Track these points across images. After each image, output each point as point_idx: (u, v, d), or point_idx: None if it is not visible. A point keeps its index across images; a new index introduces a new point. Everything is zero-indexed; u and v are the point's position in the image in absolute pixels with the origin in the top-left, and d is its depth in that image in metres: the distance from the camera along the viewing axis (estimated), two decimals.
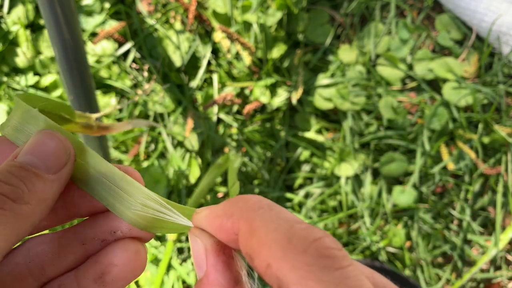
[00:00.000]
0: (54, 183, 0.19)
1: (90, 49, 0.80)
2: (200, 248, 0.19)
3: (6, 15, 0.80)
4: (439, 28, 0.84)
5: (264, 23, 0.79)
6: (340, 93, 0.78)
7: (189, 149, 0.77)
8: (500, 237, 0.74)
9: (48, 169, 0.19)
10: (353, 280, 0.14)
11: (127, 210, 0.20)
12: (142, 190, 0.21)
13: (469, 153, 0.76)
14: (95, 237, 0.21)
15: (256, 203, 0.17)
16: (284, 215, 0.16)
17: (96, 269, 0.21)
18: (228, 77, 0.81)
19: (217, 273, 0.18)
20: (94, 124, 0.34)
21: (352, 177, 0.77)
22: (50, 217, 0.22)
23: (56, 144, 0.20)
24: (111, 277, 0.20)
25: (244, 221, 0.17)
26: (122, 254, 0.21)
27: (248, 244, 0.16)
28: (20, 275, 0.21)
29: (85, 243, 0.21)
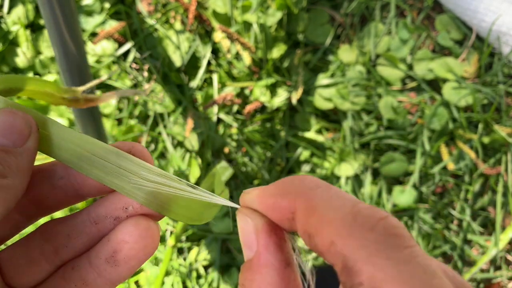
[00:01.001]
0: (24, 155, 0.20)
1: (90, 49, 0.80)
2: (250, 227, 0.18)
3: (6, 15, 0.80)
4: (439, 28, 0.84)
5: (264, 23, 0.79)
6: (340, 93, 0.78)
7: (189, 149, 0.77)
8: (500, 237, 0.74)
9: (14, 144, 0.20)
10: (421, 259, 0.14)
11: (126, 184, 0.20)
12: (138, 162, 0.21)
13: (469, 153, 0.76)
14: (108, 215, 0.21)
15: (313, 182, 0.17)
16: (344, 195, 0.16)
17: (107, 248, 0.21)
18: (228, 77, 0.81)
19: (269, 254, 0.18)
20: (81, 97, 0.34)
21: (352, 177, 0.77)
22: (59, 197, 0.22)
23: (15, 119, 0.20)
24: (123, 255, 0.20)
25: (303, 199, 0.17)
26: (132, 231, 0.20)
27: (308, 222, 0.16)
28: (34, 258, 0.21)
29: (97, 223, 0.21)
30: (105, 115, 0.78)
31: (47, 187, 0.22)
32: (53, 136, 0.21)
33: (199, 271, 0.74)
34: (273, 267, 0.18)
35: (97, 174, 0.21)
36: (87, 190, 0.22)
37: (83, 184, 0.22)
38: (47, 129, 0.21)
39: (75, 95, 0.33)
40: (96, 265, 0.21)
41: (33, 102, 0.75)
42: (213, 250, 0.74)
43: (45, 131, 0.21)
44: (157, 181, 0.20)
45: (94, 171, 0.21)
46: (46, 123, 0.21)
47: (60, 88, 0.28)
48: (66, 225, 0.22)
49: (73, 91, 0.33)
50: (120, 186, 0.20)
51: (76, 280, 0.21)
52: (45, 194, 0.22)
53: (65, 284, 0.21)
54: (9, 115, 0.20)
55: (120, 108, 0.80)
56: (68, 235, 0.21)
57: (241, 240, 0.19)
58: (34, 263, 0.21)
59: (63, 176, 0.22)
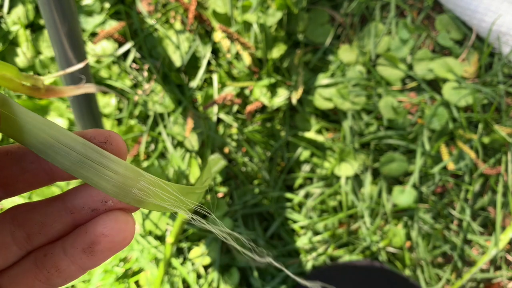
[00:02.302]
0: None
1: (90, 49, 0.80)
2: None
3: (6, 15, 0.80)
4: (439, 28, 0.84)
5: (264, 23, 0.79)
6: (340, 93, 0.78)
7: (189, 149, 0.77)
8: (500, 237, 0.74)
9: None
10: None
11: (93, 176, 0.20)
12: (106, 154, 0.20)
13: (469, 153, 0.76)
14: (85, 206, 0.21)
15: None
16: None
17: (85, 239, 0.20)
18: (228, 77, 0.81)
19: None
20: (42, 86, 0.33)
21: (352, 177, 0.77)
22: (29, 181, 0.21)
23: None
24: (101, 247, 0.20)
25: None
26: (112, 225, 0.20)
27: None
28: (3, 243, 0.21)
29: (73, 212, 0.21)
30: (105, 115, 0.78)
31: (17, 170, 0.21)
32: (17, 119, 0.20)
33: (199, 271, 0.74)
34: None
35: (63, 162, 0.20)
36: (58, 175, 0.22)
37: (54, 168, 0.21)
38: (13, 112, 0.20)
39: (36, 83, 0.32)
40: (71, 254, 0.21)
41: (33, 102, 0.75)
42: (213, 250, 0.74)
43: (11, 114, 0.20)
44: (125, 174, 0.20)
45: (59, 159, 0.20)
46: (10, 105, 0.20)
47: (20, 74, 0.28)
48: (40, 212, 0.21)
49: (35, 79, 0.33)
50: (87, 176, 0.20)
51: (49, 267, 0.21)
52: (15, 177, 0.21)
53: (37, 270, 0.21)
54: None
55: (120, 108, 0.80)
56: (42, 222, 0.21)
57: None
58: (4, 248, 0.21)
59: (34, 160, 0.21)
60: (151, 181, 0.21)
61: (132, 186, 0.20)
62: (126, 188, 0.20)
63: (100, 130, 0.22)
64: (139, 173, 0.20)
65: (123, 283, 0.71)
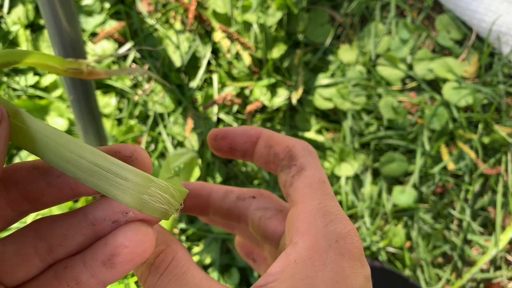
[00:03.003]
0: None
1: (90, 49, 0.80)
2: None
3: (6, 15, 0.80)
4: (439, 28, 0.84)
5: (264, 23, 0.79)
6: (340, 93, 0.78)
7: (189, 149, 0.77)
8: (500, 237, 0.74)
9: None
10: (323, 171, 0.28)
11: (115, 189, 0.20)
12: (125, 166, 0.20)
13: (469, 153, 0.76)
14: (106, 218, 0.21)
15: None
16: None
17: (105, 251, 0.20)
18: (228, 77, 0.81)
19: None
20: (85, 70, 0.34)
21: (352, 177, 0.77)
22: (54, 195, 0.22)
23: None
24: (121, 259, 0.20)
25: (267, 131, 0.28)
26: (133, 236, 0.20)
27: (271, 139, 0.28)
28: (26, 256, 0.21)
29: (95, 224, 0.21)
30: (105, 115, 0.78)
31: (43, 184, 0.21)
32: (29, 129, 0.20)
33: None
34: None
35: (74, 172, 0.20)
36: (82, 189, 0.22)
37: (78, 182, 0.21)
38: (24, 122, 0.20)
39: (80, 67, 0.33)
40: (91, 266, 0.21)
41: (33, 102, 0.75)
42: (213, 250, 0.74)
43: (22, 125, 0.20)
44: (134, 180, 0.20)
45: (70, 168, 0.20)
46: (22, 116, 0.20)
47: (65, 61, 0.28)
48: (62, 224, 0.21)
49: (79, 63, 0.33)
50: (98, 185, 0.20)
51: (69, 280, 0.21)
52: (41, 191, 0.21)
53: (57, 283, 0.21)
54: None
55: (120, 108, 0.80)
56: (64, 234, 0.21)
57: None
58: (27, 260, 0.21)
59: (60, 174, 0.21)
60: (162, 187, 0.21)
61: (143, 192, 0.20)
62: (138, 195, 0.20)
63: (126, 144, 0.22)
64: (149, 179, 0.20)
65: (122, 283, 0.71)
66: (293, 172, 0.26)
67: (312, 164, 0.26)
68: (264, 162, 0.28)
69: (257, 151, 0.28)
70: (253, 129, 0.28)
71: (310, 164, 0.26)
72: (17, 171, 0.22)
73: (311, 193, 0.24)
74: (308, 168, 0.25)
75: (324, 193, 0.24)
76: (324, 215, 0.23)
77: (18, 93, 0.78)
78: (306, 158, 0.26)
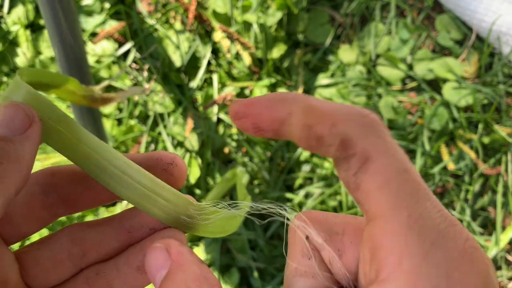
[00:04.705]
0: (23, 142, 0.19)
1: (90, 49, 0.80)
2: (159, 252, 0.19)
3: (6, 15, 0.80)
4: (439, 28, 0.84)
5: (264, 23, 0.79)
6: (341, 93, 0.78)
7: (189, 149, 0.77)
8: (500, 237, 0.74)
9: (13, 132, 0.19)
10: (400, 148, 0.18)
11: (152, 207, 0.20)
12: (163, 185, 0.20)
13: (469, 153, 0.76)
14: (144, 225, 0.21)
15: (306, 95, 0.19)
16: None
17: (141, 256, 0.20)
18: (228, 77, 0.81)
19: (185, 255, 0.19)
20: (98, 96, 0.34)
21: None
22: (91, 199, 0.22)
23: (14, 111, 0.20)
24: None
25: (301, 102, 0.19)
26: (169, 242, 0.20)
27: (308, 116, 0.18)
28: (60, 260, 0.21)
29: (131, 231, 0.21)
30: (105, 115, 0.78)
31: (80, 188, 0.22)
32: (71, 137, 0.20)
33: None
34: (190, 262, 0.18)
35: (114, 186, 0.20)
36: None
37: None
38: (68, 129, 0.20)
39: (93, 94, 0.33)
40: (125, 272, 0.21)
41: None
42: (213, 250, 0.74)
43: (66, 132, 0.20)
44: (176, 203, 0.20)
45: (112, 182, 0.20)
46: (67, 123, 0.20)
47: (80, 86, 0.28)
48: (97, 230, 0.21)
49: (91, 90, 0.33)
50: (139, 202, 0.20)
51: (101, 285, 0.21)
52: (78, 195, 0.22)
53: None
54: (11, 108, 0.20)
55: (120, 108, 0.80)
56: (100, 240, 0.21)
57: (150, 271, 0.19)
58: (59, 265, 0.21)
59: None
60: (199, 208, 0.21)
61: (181, 213, 0.21)
62: (176, 215, 0.21)
63: (166, 152, 0.22)
64: (188, 201, 0.21)
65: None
66: (354, 167, 0.17)
67: (380, 147, 0.17)
68: (309, 146, 0.19)
69: (294, 133, 0.19)
70: (281, 101, 0.19)
71: (377, 148, 0.17)
72: (56, 174, 0.22)
73: (391, 199, 0.16)
74: (375, 156, 0.17)
75: (411, 193, 0.16)
76: (420, 236, 0.15)
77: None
78: (368, 138, 0.17)
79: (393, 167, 0.16)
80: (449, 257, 0.15)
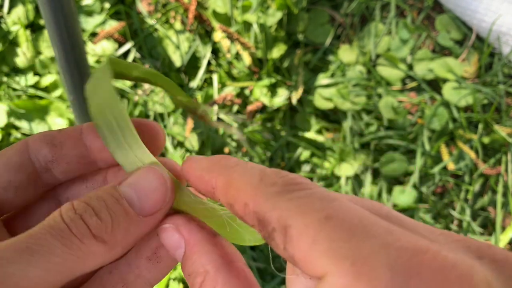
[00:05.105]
0: (139, 227, 0.19)
1: (90, 49, 0.80)
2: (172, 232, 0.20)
3: (6, 15, 0.80)
4: (439, 28, 0.84)
5: (264, 23, 0.79)
6: (340, 93, 0.78)
7: (189, 149, 0.77)
8: (500, 237, 0.74)
9: (141, 210, 0.19)
10: (320, 192, 0.15)
11: None
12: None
13: (469, 153, 0.76)
14: None
15: (235, 162, 0.18)
16: (257, 166, 0.18)
17: (150, 245, 0.20)
18: (228, 77, 0.81)
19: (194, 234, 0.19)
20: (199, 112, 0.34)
21: (352, 177, 0.77)
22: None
23: (159, 186, 0.19)
24: (165, 252, 0.20)
25: (222, 176, 0.18)
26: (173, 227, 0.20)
27: (227, 194, 0.18)
28: None
29: None
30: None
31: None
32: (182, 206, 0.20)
33: None
34: (202, 241, 0.19)
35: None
36: None
37: None
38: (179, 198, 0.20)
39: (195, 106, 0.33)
40: (137, 265, 0.20)
41: (33, 102, 0.75)
42: None
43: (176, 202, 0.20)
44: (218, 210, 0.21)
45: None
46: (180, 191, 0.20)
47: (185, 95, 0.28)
48: None
49: (197, 104, 0.34)
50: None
51: (115, 283, 0.20)
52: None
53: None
54: (158, 180, 0.19)
55: None
56: None
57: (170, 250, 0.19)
58: None
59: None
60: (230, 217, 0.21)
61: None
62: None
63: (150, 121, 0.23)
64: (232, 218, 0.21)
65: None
66: (280, 242, 0.15)
67: (293, 208, 0.15)
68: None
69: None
70: (208, 172, 0.19)
71: (291, 211, 0.15)
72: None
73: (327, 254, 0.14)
74: (292, 220, 0.15)
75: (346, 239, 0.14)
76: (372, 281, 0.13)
77: (18, 93, 0.78)
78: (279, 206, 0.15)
79: (314, 222, 0.14)
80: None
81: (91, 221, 0.17)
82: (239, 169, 0.18)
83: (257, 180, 0.17)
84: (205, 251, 0.18)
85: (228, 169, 0.18)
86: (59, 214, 0.17)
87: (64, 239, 0.16)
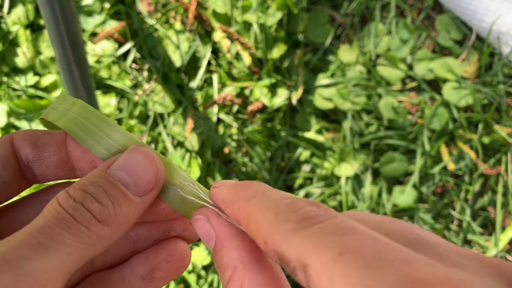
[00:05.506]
0: (137, 207, 0.19)
1: (90, 49, 0.80)
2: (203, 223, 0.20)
3: (6, 15, 0.80)
4: (439, 28, 0.84)
5: (264, 23, 0.79)
6: (340, 93, 0.78)
7: (189, 149, 0.77)
8: (500, 237, 0.74)
9: (136, 191, 0.19)
10: (334, 224, 0.15)
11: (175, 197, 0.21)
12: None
13: (469, 153, 0.76)
14: (148, 237, 0.22)
15: (252, 192, 0.18)
16: (274, 197, 0.17)
17: (146, 266, 0.21)
18: (228, 77, 0.81)
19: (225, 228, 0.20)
20: None
21: (352, 177, 0.77)
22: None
23: (150, 167, 0.20)
24: (161, 274, 0.21)
25: (242, 210, 0.18)
26: (174, 252, 0.21)
27: (249, 230, 0.18)
28: None
29: (136, 242, 0.22)
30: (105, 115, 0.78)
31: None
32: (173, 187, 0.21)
33: (199, 272, 0.74)
34: (232, 236, 0.19)
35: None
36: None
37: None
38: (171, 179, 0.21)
39: None
40: (130, 281, 0.21)
41: (33, 102, 0.75)
42: None
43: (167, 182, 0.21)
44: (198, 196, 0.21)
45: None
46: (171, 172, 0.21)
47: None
48: None
49: None
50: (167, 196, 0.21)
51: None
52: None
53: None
54: (147, 159, 0.20)
55: (120, 108, 0.80)
56: (107, 251, 0.22)
57: (202, 239, 0.20)
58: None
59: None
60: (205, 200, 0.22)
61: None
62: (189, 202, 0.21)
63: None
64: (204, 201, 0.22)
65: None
66: (302, 280, 0.15)
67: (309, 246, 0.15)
68: None
69: None
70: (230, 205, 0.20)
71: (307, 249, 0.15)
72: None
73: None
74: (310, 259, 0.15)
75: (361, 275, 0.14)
76: None
77: (18, 93, 0.78)
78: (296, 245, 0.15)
79: (329, 260, 0.14)
80: None
81: (93, 207, 0.18)
82: (256, 203, 0.18)
83: (273, 218, 0.16)
84: (233, 246, 0.19)
85: (246, 203, 0.18)
86: (58, 204, 0.17)
87: (72, 229, 0.17)
